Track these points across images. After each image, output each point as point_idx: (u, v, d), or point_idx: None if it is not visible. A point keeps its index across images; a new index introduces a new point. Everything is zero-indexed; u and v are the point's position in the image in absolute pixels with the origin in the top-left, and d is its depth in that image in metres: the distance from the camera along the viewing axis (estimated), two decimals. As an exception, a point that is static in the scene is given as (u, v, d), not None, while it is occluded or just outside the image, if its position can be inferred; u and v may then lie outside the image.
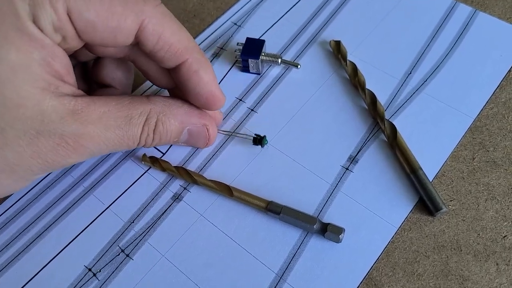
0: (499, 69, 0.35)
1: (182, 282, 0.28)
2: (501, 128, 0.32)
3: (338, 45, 0.36)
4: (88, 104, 0.24)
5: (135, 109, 0.26)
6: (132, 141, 0.26)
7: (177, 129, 0.28)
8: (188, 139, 0.30)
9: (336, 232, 0.28)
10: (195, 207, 0.30)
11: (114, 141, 0.25)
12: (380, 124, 0.32)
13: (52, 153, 0.24)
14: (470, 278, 0.27)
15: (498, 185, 0.30)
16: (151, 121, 0.27)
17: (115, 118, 0.25)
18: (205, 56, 0.28)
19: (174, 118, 0.28)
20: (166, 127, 0.28)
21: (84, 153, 0.25)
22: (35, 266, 0.28)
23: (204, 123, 0.29)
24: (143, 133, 0.26)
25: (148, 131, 0.27)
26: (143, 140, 0.27)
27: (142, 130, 0.26)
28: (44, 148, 0.23)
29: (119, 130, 0.25)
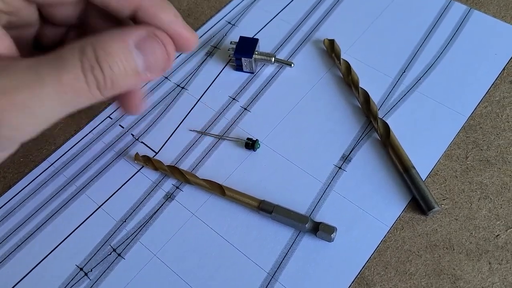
0: (494, 68, 0.35)
1: (173, 281, 0.27)
2: (494, 127, 0.32)
3: (332, 43, 0.36)
4: (14, 60, 0.21)
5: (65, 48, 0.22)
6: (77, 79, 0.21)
7: (122, 49, 0.23)
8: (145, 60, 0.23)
9: (328, 231, 0.28)
10: (187, 206, 0.30)
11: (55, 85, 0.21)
12: (373, 122, 0.32)
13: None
14: (463, 277, 0.27)
15: (492, 184, 0.30)
16: (87, 51, 0.22)
17: (46, 60, 0.21)
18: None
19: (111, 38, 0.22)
20: (108, 51, 0.22)
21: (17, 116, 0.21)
22: (26, 265, 0.28)
23: (152, 31, 0.24)
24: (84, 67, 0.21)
25: (89, 62, 0.22)
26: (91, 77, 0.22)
27: (81, 64, 0.21)
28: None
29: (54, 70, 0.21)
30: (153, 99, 0.35)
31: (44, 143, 0.33)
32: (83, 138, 0.33)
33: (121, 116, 0.34)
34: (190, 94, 0.35)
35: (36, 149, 0.33)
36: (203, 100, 0.35)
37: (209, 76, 0.36)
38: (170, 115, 0.34)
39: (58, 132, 0.34)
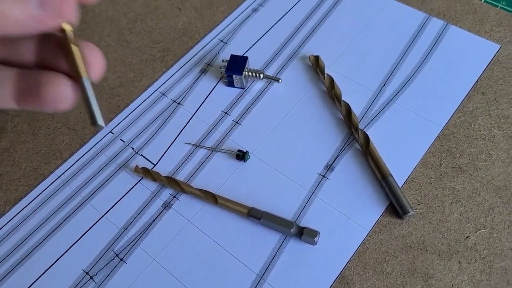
0: (467, 80, 0.37)
1: (171, 283, 0.30)
2: (467, 136, 0.35)
3: (317, 59, 0.39)
4: None
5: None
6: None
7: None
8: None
9: (312, 235, 0.30)
10: (183, 214, 0.33)
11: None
12: (355, 133, 0.35)
13: None
14: (434, 276, 0.29)
15: (463, 189, 0.32)
16: None
17: None
18: None
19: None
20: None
21: None
22: (37, 270, 0.31)
23: None
24: None
25: None
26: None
27: None
28: None
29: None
30: (151, 114, 0.38)
31: (52, 157, 0.36)
32: (87, 152, 0.36)
33: (122, 131, 0.37)
34: (186, 109, 0.38)
35: (44, 163, 0.36)
36: (197, 115, 0.37)
37: (203, 92, 0.39)
38: (167, 129, 0.37)
39: (64, 147, 0.37)
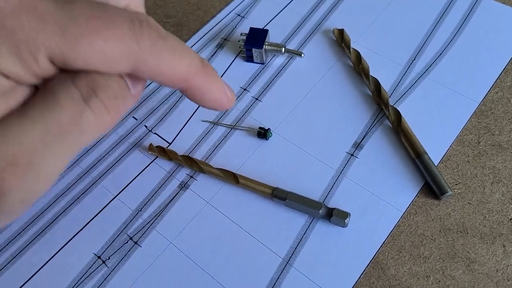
0: (504, 54, 0.35)
1: (190, 268, 0.28)
2: (506, 112, 0.32)
3: (342, 33, 0.36)
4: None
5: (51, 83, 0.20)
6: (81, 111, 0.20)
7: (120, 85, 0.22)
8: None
9: (342, 216, 0.28)
10: (201, 195, 0.30)
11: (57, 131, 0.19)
12: (385, 110, 0.32)
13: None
14: (477, 260, 0.27)
15: (504, 168, 0.30)
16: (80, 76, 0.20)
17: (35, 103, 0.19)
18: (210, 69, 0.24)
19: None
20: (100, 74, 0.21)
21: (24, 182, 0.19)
22: (45, 254, 0.29)
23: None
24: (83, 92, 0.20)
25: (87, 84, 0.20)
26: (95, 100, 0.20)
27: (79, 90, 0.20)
28: None
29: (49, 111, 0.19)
30: (165, 91, 0.35)
31: (60, 136, 0.34)
32: (97, 131, 0.34)
33: (134, 108, 0.35)
34: (202, 85, 0.35)
35: (52, 142, 0.34)
36: (214, 91, 0.35)
37: (220, 68, 0.36)
38: (182, 106, 0.34)
39: (73, 125, 0.34)
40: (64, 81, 0.20)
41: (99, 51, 0.19)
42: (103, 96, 0.20)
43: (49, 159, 0.19)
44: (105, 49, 0.20)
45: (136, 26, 0.21)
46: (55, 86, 0.20)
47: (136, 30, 0.20)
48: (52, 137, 0.19)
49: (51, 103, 0.19)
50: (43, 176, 0.20)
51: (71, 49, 0.19)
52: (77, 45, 0.19)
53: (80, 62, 0.19)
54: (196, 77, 0.24)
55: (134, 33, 0.20)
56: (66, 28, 0.19)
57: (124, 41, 0.20)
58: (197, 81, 0.24)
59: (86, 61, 0.19)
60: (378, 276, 0.27)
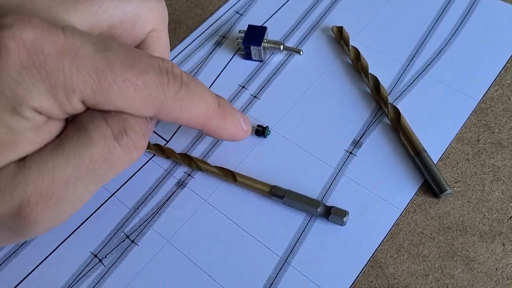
0: (504, 51, 0.34)
1: (187, 267, 0.28)
2: (506, 110, 0.32)
3: (341, 30, 0.36)
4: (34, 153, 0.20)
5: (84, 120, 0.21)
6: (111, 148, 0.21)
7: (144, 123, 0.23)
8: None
9: (340, 214, 0.28)
10: (199, 193, 0.30)
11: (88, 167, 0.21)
12: (384, 107, 0.32)
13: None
14: (476, 259, 0.27)
15: (504, 166, 0.30)
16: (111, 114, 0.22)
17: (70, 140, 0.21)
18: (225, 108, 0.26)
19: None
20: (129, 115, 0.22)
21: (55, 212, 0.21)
22: (42, 253, 0.29)
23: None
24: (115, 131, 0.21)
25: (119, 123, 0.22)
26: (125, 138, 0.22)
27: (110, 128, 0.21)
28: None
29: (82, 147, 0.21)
30: (163, 89, 0.35)
31: (57, 133, 0.34)
32: (94, 128, 0.34)
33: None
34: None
35: (48, 140, 0.33)
36: (212, 89, 0.35)
37: (218, 66, 0.36)
38: (180, 104, 0.34)
39: (70, 123, 0.34)
40: (97, 119, 0.21)
41: (129, 98, 0.21)
42: (133, 135, 0.22)
43: (78, 191, 0.21)
44: (134, 96, 0.21)
45: (164, 76, 0.22)
46: (89, 124, 0.21)
47: (164, 81, 0.22)
48: (83, 172, 0.20)
49: (85, 140, 0.21)
50: (71, 207, 0.21)
51: (103, 95, 0.20)
52: (110, 92, 0.20)
53: (110, 106, 0.21)
54: (213, 119, 0.26)
55: (162, 83, 0.22)
56: (102, 75, 0.20)
57: (152, 90, 0.21)
58: (213, 123, 0.26)
59: (115, 105, 0.21)
60: (376, 274, 0.27)
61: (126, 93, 0.21)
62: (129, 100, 0.21)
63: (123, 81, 0.20)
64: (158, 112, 0.23)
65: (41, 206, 0.20)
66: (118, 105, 0.21)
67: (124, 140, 0.21)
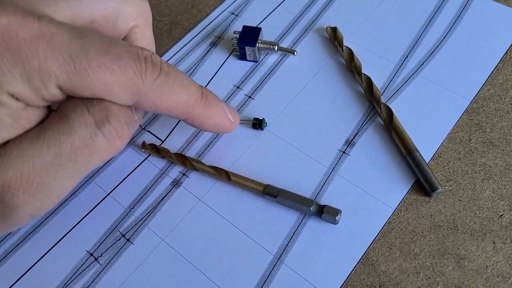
0: (496, 51, 0.35)
1: (181, 265, 0.28)
2: (498, 109, 0.32)
3: (335, 31, 0.36)
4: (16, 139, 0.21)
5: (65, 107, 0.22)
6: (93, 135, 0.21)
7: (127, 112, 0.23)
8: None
9: (333, 213, 0.28)
10: (194, 192, 0.31)
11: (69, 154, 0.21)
12: (377, 107, 0.32)
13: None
14: (467, 257, 0.27)
15: (495, 165, 0.30)
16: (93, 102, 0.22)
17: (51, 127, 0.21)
18: (210, 98, 0.26)
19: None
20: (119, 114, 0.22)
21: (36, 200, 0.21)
22: (38, 252, 0.29)
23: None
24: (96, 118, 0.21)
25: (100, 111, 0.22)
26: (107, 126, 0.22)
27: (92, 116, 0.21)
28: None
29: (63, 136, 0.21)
30: (159, 89, 0.36)
31: (53, 134, 0.34)
32: (91, 129, 0.34)
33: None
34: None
35: (45, 140, 0.34)
36: (208, 89, 0.35)
37: (214, 66, 0.36)
38: (176, 104, 0.35)
39: (67, 123, 0.34)
40: (79, 107, 0.21)
41: (105, 83, 0.21)
42: (115, 123, 0.22)
43: (60, 179, 0.21)
44: (111, 82, 0.21)
45: (142, 63, 0.22)
46: (70, 111, 0.21)
47: (141, 67, 0.22)
48: (65, 159, 0.21)
49: (65, 128, 0.21)
50: (54, 194, 0.21)
51: (79, 80, 0.20)
52: (86, 77, 0.20)
53: (87, 92, 0.21)
54: (196, 108, 0.26)
55: (139, 69, 0.22)
56: (77, 60, 0.20)
57: (129, 76, 0.22)
58: (196, 112, 0.26)
59: (93, 91, 0.21)
60: (368, 272, 0.27)
61: (102, 78, 0.21)
62: (106, 86, 0.21)
63: (98, 65, 0.20)
64: (137, 99, 0.23)
65: (22, 192, 0.20)
66: (95, 91, 0.21)
67: (106, 128, 0.22)
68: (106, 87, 0.21)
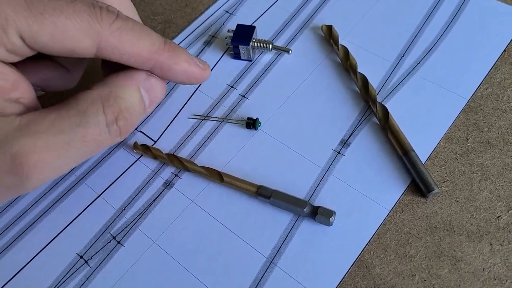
0: (494, 49, 0.34)
1: (173, 268, 0.27)
2: (495, 108, 0.32)
3: (330, 29, 0.36)
4: (35, 116, 0.23)
5: (85, 101, 0.24)
6: (102, 132, 0.24)
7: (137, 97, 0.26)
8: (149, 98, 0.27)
9: (327, 215, 0.28)
10: (186, 194, 0.30)
11: (78, 144, 0.23)
12: (372, 107, 0.32)
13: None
14: (463, 259, 0.26)
15: (492, 165, 0.29)
16: (109, 105, 0.24)
17: (69, 117, 0.23)
18: (174, 46, 0.27)
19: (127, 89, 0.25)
20: (126, 98, 0.25)
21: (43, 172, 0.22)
22: (27, 254, 0.29)
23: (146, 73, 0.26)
24: (108, 119, 0.24)
25: (113, 116, 0.24)
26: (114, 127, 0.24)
27: (105, 116, 0.24)
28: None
29: (78, 128, 0.23)
30: (152, 89, 0.35)
31: (44, 134, 0.33)
32: (82, 129, 0.33)
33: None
34: (188, 83, 0.35)
35: (36, 141, 0.33)
36: (201, 89, 0.35)
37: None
38: (168, 104, 0.34)
39: (58, 124, 0.34)
40: (95, 102, 0.24)
41: (62, 27, 0.22)
42: (122, 125, 0.25)
43: (65, 160, 0.23)
44: (67, 25, 0.22)
45: (96, 8, 0.23)
46: (87, 106, 0.23)
47: (96, 10, 0.23)
48: (72, 147, 0.23)
49: (81, 122, 0.23)
50: (56, 171, 0.23)
51: (38, 25, 0.22)
52: (43, 21, 0.22)
53: (46, 38, 0.22)
54: (161, 54, 0.26)
55: (94, 12, 0.23)
56: (32, 5, 0.21)
57: (84, 19, 0.23)
58: (161, 58, 0.26)
59: (52, 37, 0.22)
60: (363, 275, 0.26)
61: (58, 21, 0.22)
62: (63, 30, 0.22)
63: (53, 9, 0.22)
64: (98, 44, 0.24)
65: (32, 165, 0.22)
66: (54, 36, 0.22)
67: (113, 128, 0.24)
68: (63, 31, 0.22)
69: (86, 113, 0.23)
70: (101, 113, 0.23)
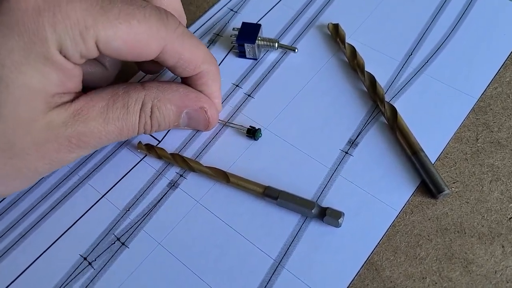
0: (503, 48, 0.34)
1: (178, 270, 0.27)
2: (505, 108, 0.31)
3: (337, 28, 0.35)
4: (86, 103, 0.25)
5: (130, 98, 0.26)
6: (132, 130, 0.27)
7: (174, 114, 0.28)
8: (188, 122, 0.30)
9: (335, 216, 0.27)
10: (191, 194, 0.30)
11: (115, 133, 0.26)
12: (380, 106, 0.31)
13: (57, 153, 0.25)
14: (475, 261, 0.26)
15: (503, 166, 0.29)
16: (146, 108, 0.27)
17: (113, 110, 0.25)
18: (217, 66, 0.29)
19: (169, 102, 0.28)
20: (162, 112, 0.28)
21: (87, 148, 0.26)
22: (30, 255, 0.28)
23: (201, 106, 0.29)
24: (140, 121, 0.27)
25: (145, 118, 0.27)
26: (142, 128, 0.27)
27: (139, 117, 0.27)
28: (50, 151, 0.24)
29: (118, 122, 0.26)
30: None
31: (47, 134, 0.33)
32: (85, 128, 0.33)
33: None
34: (193, 82, 0.34)
35: (38, 140, 0.33)
36: (206, 88, 0.34)
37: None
38: (173, 103, 0.34)
39: (61, 123, 0.33)
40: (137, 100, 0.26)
41: (134, 32, 0.23)
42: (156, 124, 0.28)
43: (101, 143, 0.26)
44: (139, 29, 0.24)
45: (162, 13, 0.25)
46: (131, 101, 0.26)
47: (162, 16, 0.25)
48: (112, 135, 0.26)
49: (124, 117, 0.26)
50: (91, 150, 0.27)
51: (112, 31, 0.23)
52: (117, 26, 0.23)
53: (119, 43, 0.23)
54: (210, 64, 0.28)
55: (161, 17, 0.25)
56: (108, 11, 0.22)
57: (153, 23, 0.24)
58: (210, 68, 0.28)
59: (124, 42, 0.23)
60: (372, 277, 0.26)
61: (131, 26, 0.23)
62: (134, 34, 0.23)
63: (126, 14, 0.23)
64: (163, 47, 0.25)
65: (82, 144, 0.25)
66: (126, 41, 0.23)
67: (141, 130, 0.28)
68: (134, 35, 0.23)
69: (128, 110, 0.26)
70: (137, 115, 0.26)
